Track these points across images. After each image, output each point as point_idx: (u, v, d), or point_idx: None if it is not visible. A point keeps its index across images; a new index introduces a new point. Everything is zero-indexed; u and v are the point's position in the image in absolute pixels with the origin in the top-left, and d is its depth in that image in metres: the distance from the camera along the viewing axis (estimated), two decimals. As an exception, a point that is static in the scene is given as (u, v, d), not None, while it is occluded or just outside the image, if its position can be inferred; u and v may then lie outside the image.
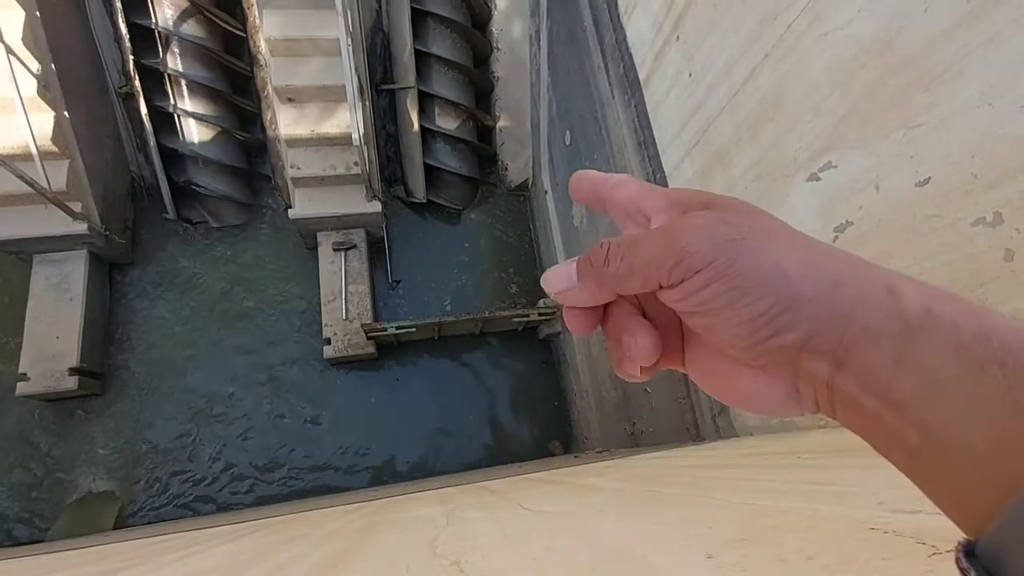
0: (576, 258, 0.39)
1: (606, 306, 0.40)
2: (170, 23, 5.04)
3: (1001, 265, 1.41)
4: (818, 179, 2.02)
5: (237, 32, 5.39)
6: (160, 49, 5.09)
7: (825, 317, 0.30)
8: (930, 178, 1.58)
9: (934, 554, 0.45)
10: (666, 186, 3.25)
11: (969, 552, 0.25)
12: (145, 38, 5.08)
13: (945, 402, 0.27)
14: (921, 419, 0.27)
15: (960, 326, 0.27)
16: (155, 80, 5.20)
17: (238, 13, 5.40)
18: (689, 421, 3.19)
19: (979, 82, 1.43)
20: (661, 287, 0.34)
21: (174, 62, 5.15)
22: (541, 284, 0.41)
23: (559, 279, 0.39)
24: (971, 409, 0.26)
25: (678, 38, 2.81)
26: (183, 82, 5.22)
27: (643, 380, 0.39)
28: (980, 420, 0.25)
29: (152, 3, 4.98)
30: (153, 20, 4.98)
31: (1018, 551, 0.22)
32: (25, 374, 4.59)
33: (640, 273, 0.35)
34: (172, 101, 5.22)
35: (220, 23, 5.27)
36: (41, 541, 4.53)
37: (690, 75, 2.75)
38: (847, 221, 1.90)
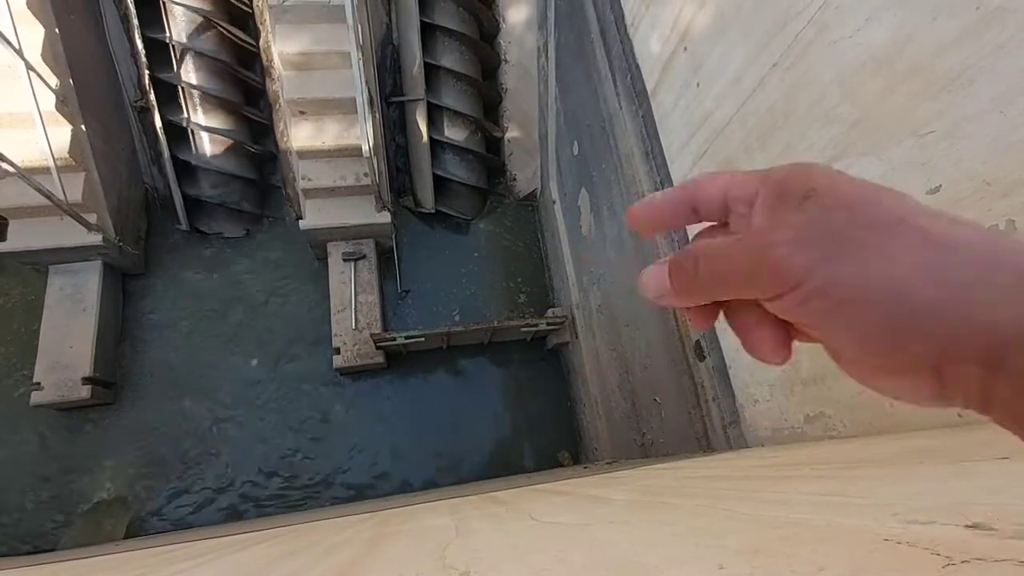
0: (668, 259, 0.36)
1: None
2: (184, 38, 5.14)
3: (1016, 273, 1.39)
4: (828, 187, 2.01)
5: (250, 47, 5.49)
6: (175, 63, 5.19)
7: (960, 324, 0.26)
8: (941, 185, 1.57)
9: (948, 565, 0.45)
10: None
11: None
12: (160, 53, 5.19)
13: None
14: None
15: None
16: (169, 94, 5.30)
17: (251, 28, 5.50)
18: (700, 431, 3.16)
19: (990, 89, 1.42)
20: (758, 298, 0.32)
21: (187, 75, 5.25)
22: (638, 288, 0.38)
23: (653, 285, 0.37)
24: None
25: (685, 49, 2.82)
26: (196, 95, 5.31)
27: (785, 361, 0.36)
28: None
29: (167, 18, 5.08)
30: (168, 35, 5.09)
31: None
32: (39, 383, 4.64)
33: (731, 285, 0.33)
34: (186, 115, 5.32)
35: (233, 38, 5.37)
36: (53, 550, 4.56)
37: (698, 85, 2.76)
38: (858, 229, 1.89)
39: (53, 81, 4.49)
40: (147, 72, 5.10)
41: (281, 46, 4.93)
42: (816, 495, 0.94)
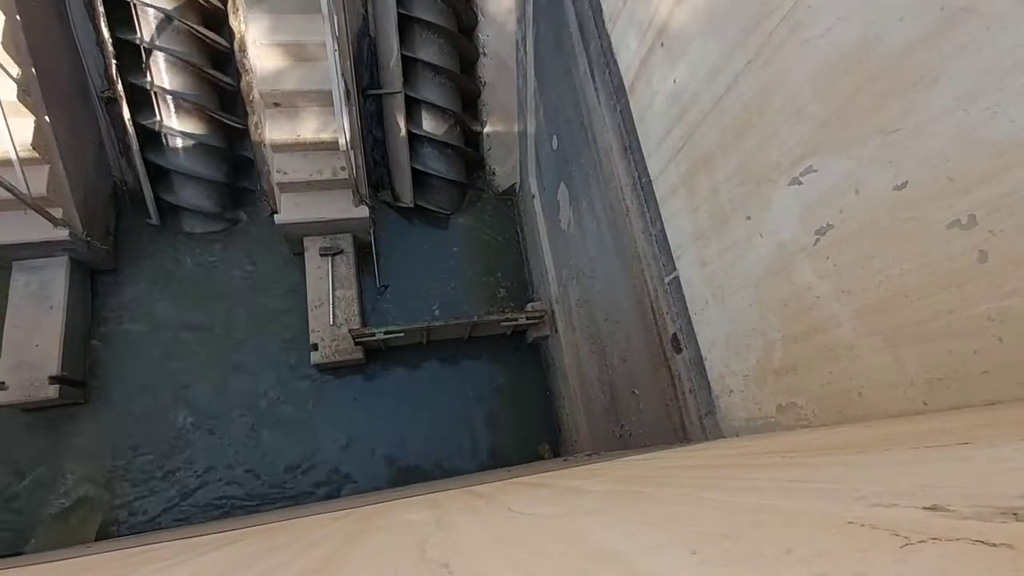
0: None
1: None
2: (153, 25, 5.00)
3: (976, 267, 1.44)
4: (800, 183, 2.05)
5: (221, 10, 5.33)
6: (137, 25, 5.01)
7: None
8: (907, 182, 1.62)
9: (905, 545, 0.47)
10: (651, 190, 3.26)
11: None
12: (130, 47, 5.04)
13: None
14: None
15: None
16: (138, 84, 5.15)
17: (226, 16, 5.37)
18: (677, 423, 3.22)
19: (954, 88, 1.47)
20: None
21: (156, 60, 5.11)
22: None
23: None
24: None
25: (662, 45, 2.85)
26: (162, 62, 5.13)
27: None
28: None
29: (135, 8, 4.93)
30: (137, 29, 4.93)
31: None
32: (3, 383, 4.51)
33: None
34: (150, 81, 5.17)
35: (204, 39, 5.24)
36: (21, 553, 4.43)
37: (674, 81, 2.79)
38: (828, 224, 1.94)
39: (15, 70, 4.32)
40: (114, 61, 4.95)
41: (255, 36, 4.83)
42: (787, 482, 0.97)
